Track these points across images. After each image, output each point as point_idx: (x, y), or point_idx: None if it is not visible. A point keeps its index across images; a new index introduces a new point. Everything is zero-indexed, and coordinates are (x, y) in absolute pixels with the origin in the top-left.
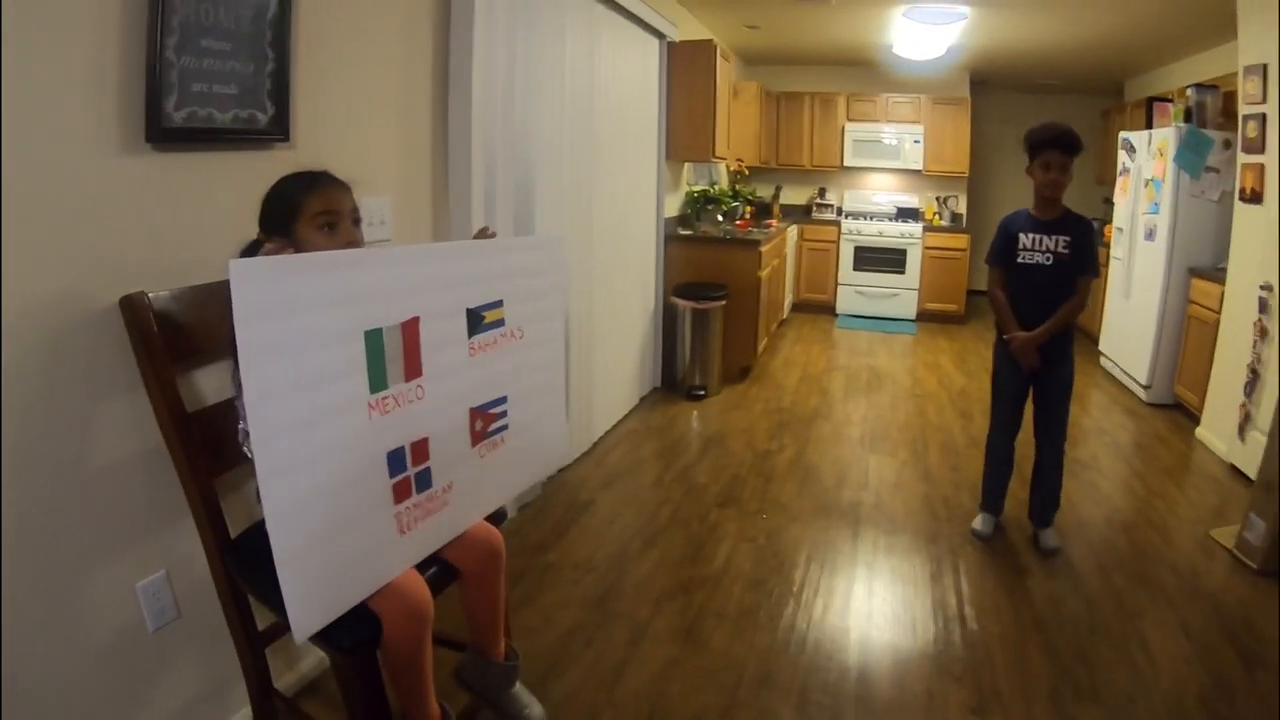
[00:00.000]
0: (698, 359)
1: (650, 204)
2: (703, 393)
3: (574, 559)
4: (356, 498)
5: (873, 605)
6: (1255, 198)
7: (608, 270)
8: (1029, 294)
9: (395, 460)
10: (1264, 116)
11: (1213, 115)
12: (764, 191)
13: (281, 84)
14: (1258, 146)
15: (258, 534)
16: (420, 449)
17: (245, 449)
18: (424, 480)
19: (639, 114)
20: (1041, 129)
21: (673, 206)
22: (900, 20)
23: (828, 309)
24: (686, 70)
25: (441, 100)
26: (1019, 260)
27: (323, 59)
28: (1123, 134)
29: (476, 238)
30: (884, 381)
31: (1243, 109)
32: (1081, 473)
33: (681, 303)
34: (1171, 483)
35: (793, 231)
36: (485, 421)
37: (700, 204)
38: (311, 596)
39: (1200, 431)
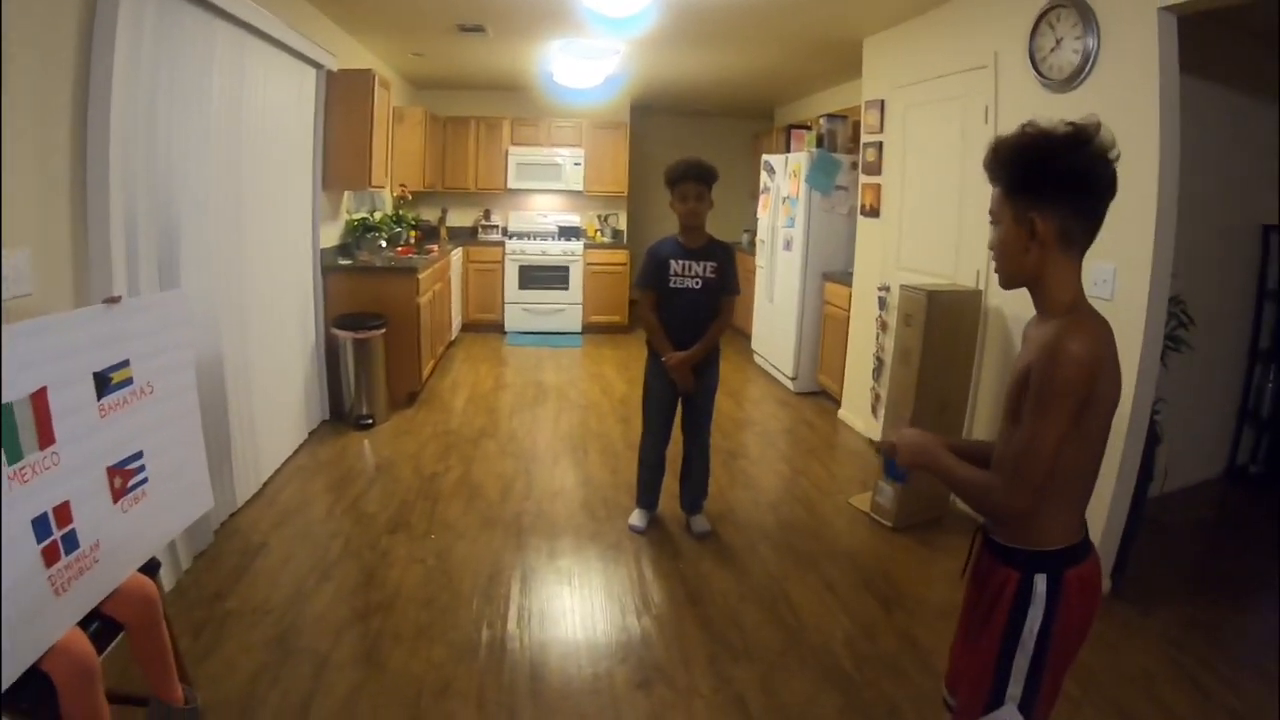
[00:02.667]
0: (363, 388)
1: (305, 236)
2: (370, 421)
3: (252, 603)
4: (8, 566)
5: (539, 606)
6: (874, 212)
7: (263, 308)
8: (681, 315)
9: (40, 526)
10: (881, 144)
11: (843, 141)
12: (430, 215)
13: None
14: (876, 169)
15: None
16: (63, 512)
17: None
18: (71, 542)
19: (293, 145)
20: (677, 165)
21: (333, 236)
22: (557, 52)
23: (497, 327)
24: (344, 99)
25: (81, 140)
26: (671, 285)
27: None
28: (764, 157)
29: (106, 303)
30: (550, 395)
31: (864, 137)
32: (732, 462)
33: (342, 334)
34: (816, 460)
35: (458, 254)
36: (124, 478)
37: (360, 232)
38: None
39: (842, 413)
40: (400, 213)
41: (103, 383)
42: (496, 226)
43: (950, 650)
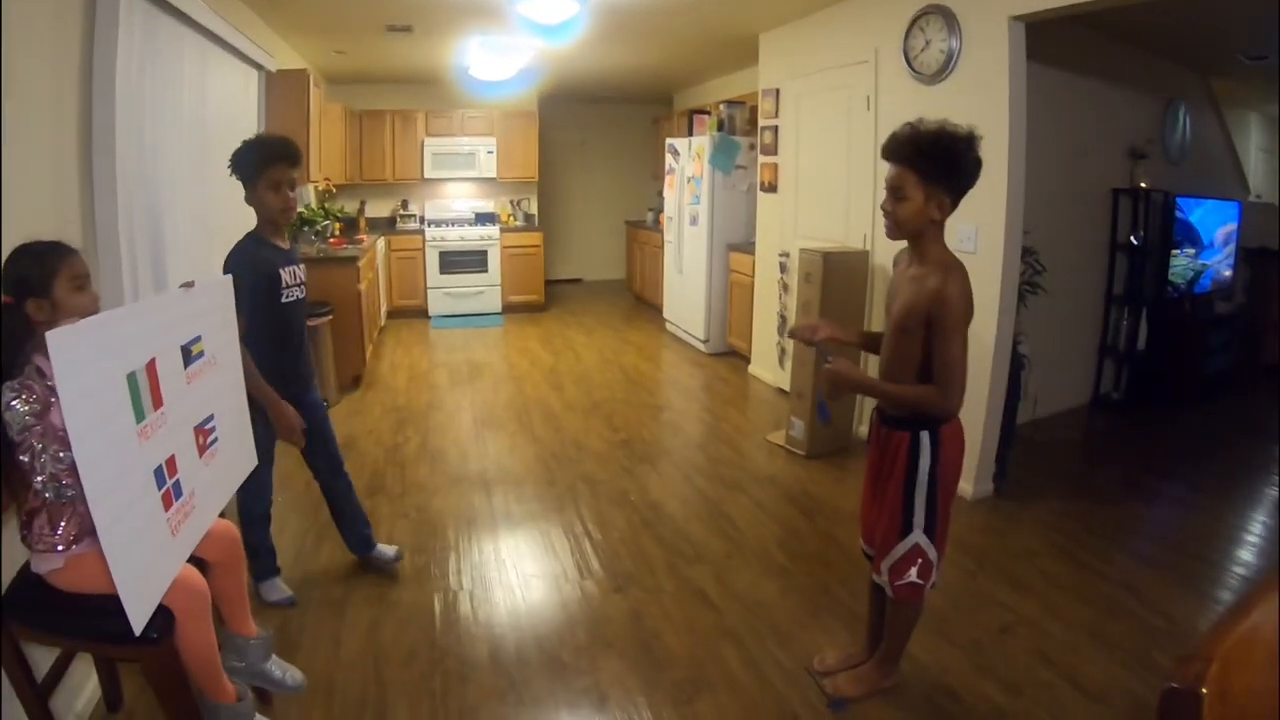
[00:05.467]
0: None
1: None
2: (324, 405)
3: None
4: (146, 508)
5: (517, 541)
6: (772, 188)
7: None
8: (299, 336)
9: (159, 475)
10: (777, 128)
11: (741, 124)
12: (349, 207)
13: None
14: (772, 150)
15: (23, 584)
16: (171, 464)
17: (42, 489)
18: (178, 490)
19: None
20: (261, 142)
21: None
22: (476, 47)
23: (421, 313)
24: (282, 99)
25: (87, 146)
26: (283, 300)
27: None
28: (668, 140)
29: (183, 287)
30: (483, 370)
31: (761, 121)
32: (660, 414)
33: None
34: (733, 408)
35: (381, 243)
36: (204, 436)
37: (297, 226)
38: (137, 593)
39: (752, 368)
40: (325, 206)
41: (187, 354)
42: (414, 216)
43: (861, 514)
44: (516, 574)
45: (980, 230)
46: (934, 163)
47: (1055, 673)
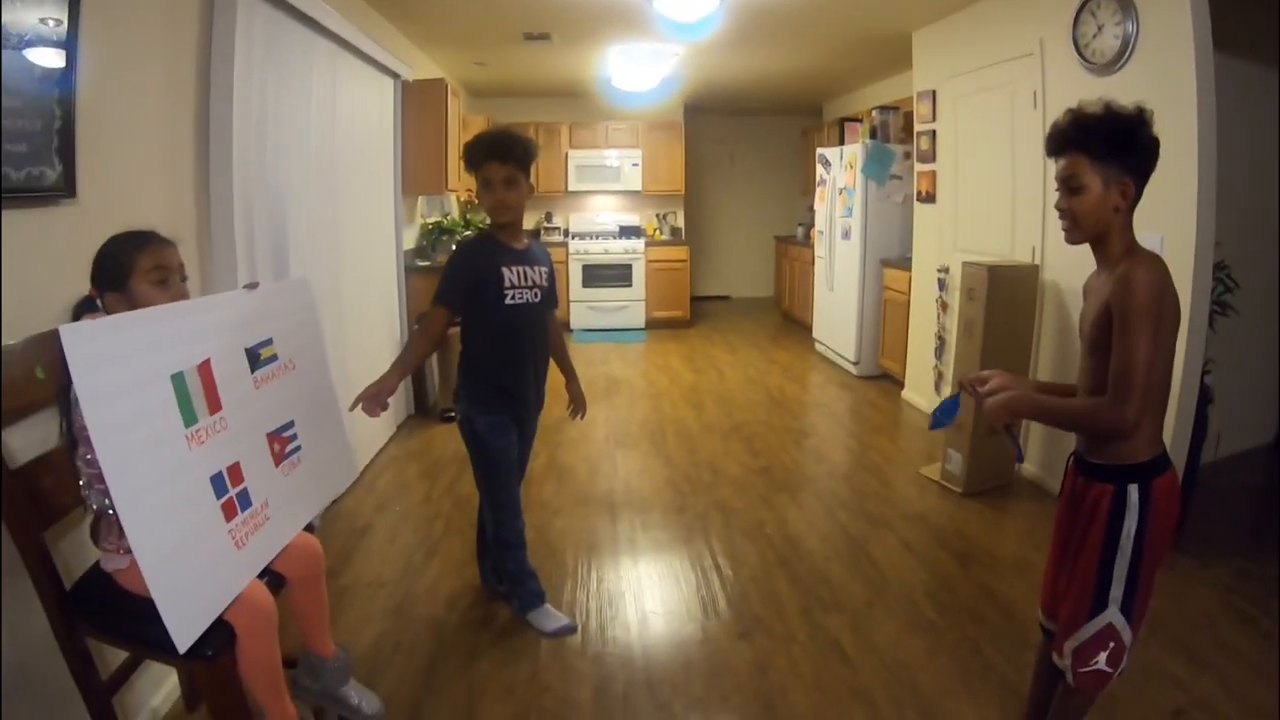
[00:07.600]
0: (447, 383)
1: (390, 238)
2: (454, 415)
3: (365, 579)
4: (196, 518)
5: (639, 571)
6: (930, 198)
7: (356, 305)
8: (522, 341)
9: (218, 483)
10: (934, 132)
11: (895, 131)
12: None
13: (68, 140)
14: (930, 157)
15: (92, 580)
16: (235, 472)
17: (88, 496)
18: (244, 500)
19: (376, 151)
20: (476, 140)
21: (410, 240)
22: (617, 56)
23: (563, 326)
24: (419, 108)
25: (204, 141)
26: (508, 301)
27: (100, 113)
28: (819, 150)
29: (247, 288)
30: (621, 386)
31: (917, 126)
32: (803, 440)
33: None
34: (884, 437)
35: None
36: (281, 444)
37: (436, 235)
38: (182, 609)
39: (905, 393)
40: (468, 217)
41: (254, 358)
42: (558, 228)
43: (1044, 580)
44: (635, 608)
45: (1166, 240)
46: (1105, 140)
47: None
